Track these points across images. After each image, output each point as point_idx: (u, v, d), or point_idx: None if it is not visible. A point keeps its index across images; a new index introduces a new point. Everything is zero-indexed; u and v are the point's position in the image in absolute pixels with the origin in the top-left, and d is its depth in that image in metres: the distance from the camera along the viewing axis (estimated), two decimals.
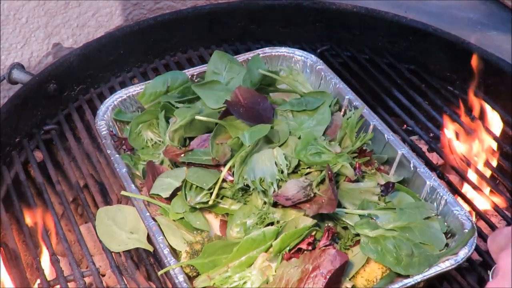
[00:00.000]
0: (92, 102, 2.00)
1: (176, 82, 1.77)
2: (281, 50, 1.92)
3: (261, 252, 1.37)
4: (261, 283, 1.35)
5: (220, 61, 1.82)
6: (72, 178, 1.77)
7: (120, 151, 1.68)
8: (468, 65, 2.06)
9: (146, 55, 2.14)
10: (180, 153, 1.57)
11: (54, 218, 1.64)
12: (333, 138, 1.64)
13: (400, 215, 1.45)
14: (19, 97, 1.88)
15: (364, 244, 1.39)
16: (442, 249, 1.43)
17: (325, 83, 1.84)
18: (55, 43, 2.24)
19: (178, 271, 1.37)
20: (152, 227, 1.46)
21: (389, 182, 1.55)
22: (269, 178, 1.48)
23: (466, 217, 1.46)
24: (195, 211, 1.51)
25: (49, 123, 1.95)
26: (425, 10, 2.63)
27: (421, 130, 1.91)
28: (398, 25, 2.18)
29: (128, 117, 1.74)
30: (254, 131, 1.52)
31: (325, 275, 1.30)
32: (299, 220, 1.42)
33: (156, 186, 1.53)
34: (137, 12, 2.39)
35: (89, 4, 2.26)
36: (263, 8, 2.23)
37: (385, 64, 2.17)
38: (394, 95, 2.03)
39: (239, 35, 2.24)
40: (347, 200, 1.50)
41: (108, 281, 1.74)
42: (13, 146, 1.86)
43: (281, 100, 1.76)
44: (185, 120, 1.62)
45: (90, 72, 2.04)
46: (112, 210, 1.57)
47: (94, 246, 1.80)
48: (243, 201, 1.50)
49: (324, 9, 2.23)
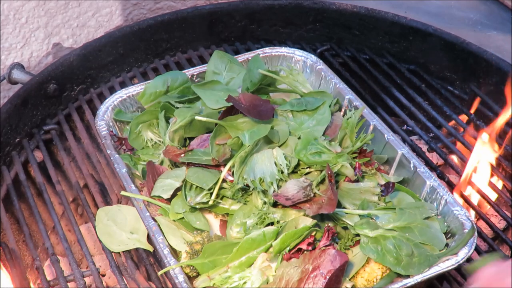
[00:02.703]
0: (92, 102, 2.00)
1: (176, 82, 1.77)
2: (281, 50, 1.92)
3: (261, 252, 1.37)
4: (261, 283, 1.35)
5: (220, 61, 1.83)
6: (72, 178, 1.77)
7: (120, 151, 1.68)
8: (468, 65, 2.06)
9: (146, 55, 2.14)
10: (180, 153, 1.57)
11: (54, 218, 1.64)
12: (333, 138, 1.64)
13: (400, 215, 1.45)
14: (19, 97, 1.88)
15: (364, 244, 1.39)
16: (442, 249, 1.43)
17: (325, 83, 1.84)
18: (55, 43, 2.24)
19: (178, 271, 1.37)
20: (152, 227, 1.46)
21: (389, 182, 1.55)
22: (269, 178, 1.48)
23: (466, 217, 1.46)
24: (195, 211, 1.51)
25: (49, 123, 1.95)
26: (425, 10, 2.63)
27: (421, 130, 1.91)
28: (398, 25, 2.18)
29: (128, 117, 1.74)
30: (254, 131, 1.52)
31: (325, 275, 1.31)
32: (299, 220, 1.42)
33: (157, 187, 1.53)
34: (137, 12, 2.39)
35: (89, 4, 2.26)
36: (263, 8, 2.23)
37: (385, 64, 2.17)
38: (394, 95, 2.03)
39: (239, 35, 2.24)
40: (347, 200, 1.50)
41: (108, 281, 1.74)
42: (13, 146, 1.86)
43: (281, 100, 1.76)
44: (185, 120, 1.62)
45: (90, 72, 2.04)
46: (112, 210, 1.57)
47: (94, 246, 1.80)
48: (243, 201, 1.51)
49: (324, 9, 2.23)
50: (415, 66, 2.18)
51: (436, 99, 2.03)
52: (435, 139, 1.92)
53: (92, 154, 1.85)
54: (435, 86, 2.10)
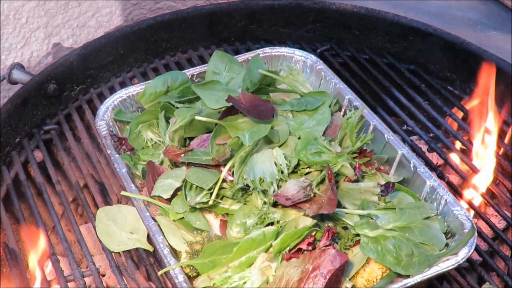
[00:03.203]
0: (92, 102, 2.00)
1: (176, 82, 1.77)
2: (281, 50, 1.92)
3: (261, 252, 1.37)
4: (261, 283, 1.35)
5: (220, 61, 1.83)
6: (72, 178, 1.77)
7: (120, 151, 1.68)
8: (468, 65, 2.06)
9: (146, 55, 2.14)
10: (180, 153, 1.57)
11: (54, 218, 1.64)
12: (333, 138, 1.64)
13: (400, 215, 1.45)
14: (19, 97, 1.88)
15: (364, 244, 1.39)
16: (442, 249, 1.43)
17: (325, 83, 1.84)
18: (55, 43, 2.24)
19: (178, 271, 1.37)
20: (152, 227, 1.46)
21: (389, 182, 1.55)
22: (269, 178, 1.48)
23: (466, 217, 1.46)
24: (195, 211, 1.51)
25: (49, 123, 1.95)
26: (425, 10, 2.64)
27: (421, 130, 1.91)
28: (398, 25, 2.18)
29: (128, 117, 1.74)
30: (254, 131, 1.52)
31: (325, 275, 1.30)
32: (299, 220, 1.42)
33: (157, 187, 1.53)
34: (137, 12, 2.39)
35: (89, 4, 2.26)
36: (263, 8, 2.23)
37: (385, 64, 2.17)
38: (394, 95, 2.03)
39: (239, 35, 2.24)
40: (347, 200, 1.50)
41: (108, 281, 1.74)
42: (13, 146, 1.86)
43: (281, 100, 1.76)
44: (185, 120, 1.62)
45: (90, 72, 2.04)
46: (112, 210, 1.57)
47: (94, 246, 1.80)
48: (243, 201, 1.50)
49: (324, 9, 2.23)
50: (415, 66, 2.18)
51: (436, 99, 2.03)
52: (435, 139, 1.92)
53: (92, 154, 1.85)
54: (435, 86, 2.10)
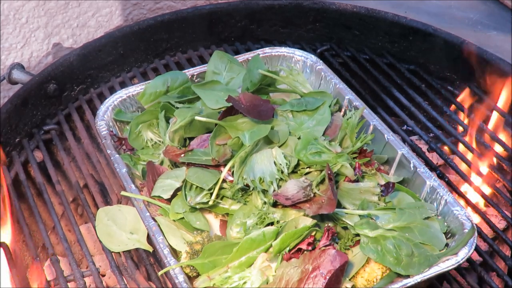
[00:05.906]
0: (92, 102, 2.00)
1: (176, 82, 1.77)
2: (281, 50, 1.92)
3: (261, 252, 1.37)
4: (261, 283, 1.35)
5: (220, 61, 1.82)
6: (72, 178, 1.77)
7: (120, 151, 1.68)
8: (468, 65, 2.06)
9: (146, 55, 2.14)
10: (180, 153, 1.57)
11: (54, 218, 1.64)
12: (333, 138, 1.64)
13: (400, 215, 1.45)
14: (19, 97, 1.88)
15: (364, 244, 1.39)
16: (442, 249, 1.43)
17: (325, 83, 1.84)
18: (55, 43, 2.24)
19: (178, 271, 1.37)
20: (152, 227, 1.46)
21: (389, 182, 1.55)
22: (268, 178, 1.48)
23: (466, 217, 1.46)
24: (195, 211, 1.51)
25: (49, 123, 1.95)
26: (425, 10, 2.63)
27: (421, 130, 1.91)
28: (398, 25, 2.18)
29: (128, 117, 1.74)
30: (254, 131, 1.52)
31: (325, 275, 1.30)
32: (299, 220, 1.42)
33: (157, 187, 1.53)
34: (137, 12, 2.39)
35: (89, 4, 2.26)
36: (263, 8, 2.23)
37: (385, 64, 2.17)
38: (394, 95, 2.03)
39: (239, 35, 2.24)
40: (347, 200, 1.50)
41: (108, 281, 1.74)
42: (13, 146, 1.86)
43: (281, 100, 1.76)
44: (185, 120, 1.62)
45: (90, 72, 2.04)
46: (112, 210, 1.57)
47: (94, 246, 1.80)
48: (243, 201, 1.50)
49: (324, 9, 2.23)
50: (415, 66, 2.17)
51: (436, 99, 2.03)
52: (435, 139, 1.92)
53: (92, 154, 1.85)
54: (435, 86, 2.10)
